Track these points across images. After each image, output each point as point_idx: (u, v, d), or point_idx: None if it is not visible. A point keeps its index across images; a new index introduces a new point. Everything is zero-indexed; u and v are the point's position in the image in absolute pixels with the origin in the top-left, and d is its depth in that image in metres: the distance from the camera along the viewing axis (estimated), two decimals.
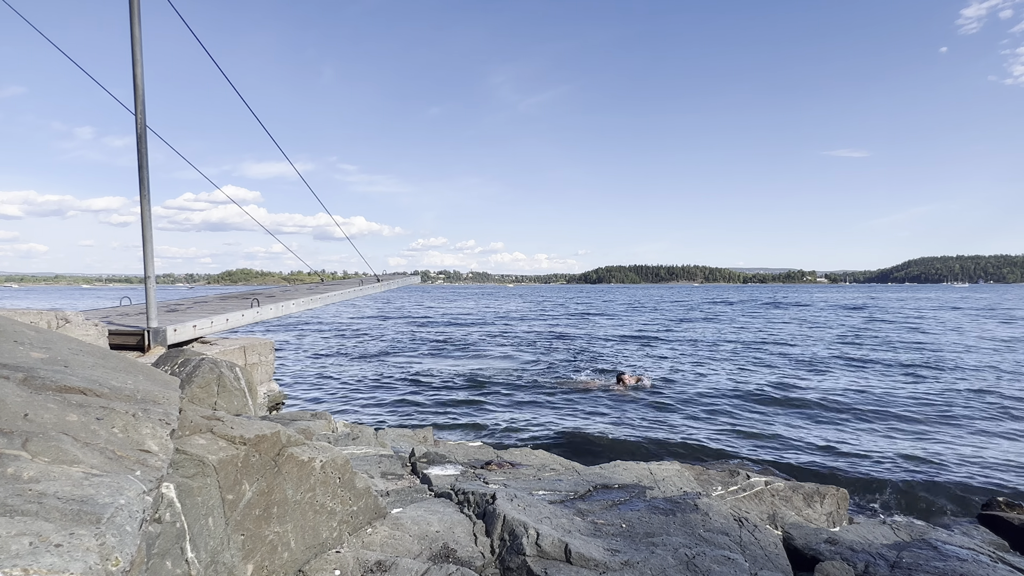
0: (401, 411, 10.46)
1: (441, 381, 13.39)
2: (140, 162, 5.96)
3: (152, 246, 6.09)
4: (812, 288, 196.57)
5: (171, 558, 1.74)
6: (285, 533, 2.21)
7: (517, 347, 20.55)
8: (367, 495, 2.68)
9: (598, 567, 2.51)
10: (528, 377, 13.86)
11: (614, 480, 3.96)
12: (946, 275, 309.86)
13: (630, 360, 16.99)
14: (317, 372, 14.81)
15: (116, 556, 1.11)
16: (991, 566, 2.87)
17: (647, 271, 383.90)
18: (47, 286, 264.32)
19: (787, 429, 8.82)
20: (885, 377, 13.49)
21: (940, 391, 11.72)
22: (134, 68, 5.87)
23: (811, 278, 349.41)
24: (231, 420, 2.28)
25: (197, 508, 1.86)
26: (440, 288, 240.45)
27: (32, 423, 1.46)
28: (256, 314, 8.23)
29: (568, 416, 9.81)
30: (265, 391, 7.32)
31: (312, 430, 4.71)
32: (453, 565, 2.41)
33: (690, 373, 14.37)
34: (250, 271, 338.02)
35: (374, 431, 5.86)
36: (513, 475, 4.05)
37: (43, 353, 2.06)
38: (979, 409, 10.04)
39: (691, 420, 9.47)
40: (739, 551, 2.86)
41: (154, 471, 1.48)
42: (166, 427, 1.73)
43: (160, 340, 6.28)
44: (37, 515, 1.13)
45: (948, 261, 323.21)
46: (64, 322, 4.71)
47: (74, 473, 1.31)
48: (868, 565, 2.92)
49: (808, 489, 4.85)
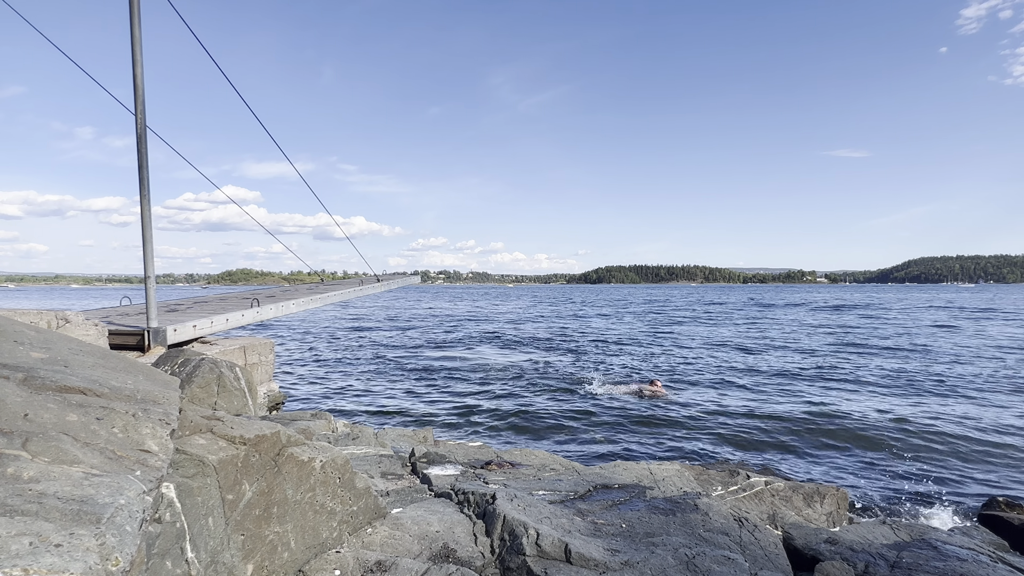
0: (401, 411, 10.46)
1: (441, 381, 13.39)
2: (140, 162, 5.96)
3: (152, 246, 6.09)
4: (812, 288, 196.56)
5: (171, 558, 1.74)
6: (285, 533, 2.21)
7: (517, 347, 20.54)
8: (367, 495, 2.68)
9: (598, 567, 2.51)
10: (528, 377, 13.85)
11: (614, 480, 3.95)
12: (946, 275, 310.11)
13: (625, 360, 16.99)
14: (317, 372, 14.81)
15: (116, 556, 1.11)
16: (991, 566, 2.87)
17: (647, 271, 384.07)
18: (47, 286, 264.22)
19: (787, 429, 8.81)
20: (885, 379, 13.48)
21: (940, 391, 11.72)
22: (134, 68, 5.86)
23: (811, 278, 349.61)
24: (231, 420, 2.28)
25: (197, 508, 1.86)
26: (440, 288, 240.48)
27: (32, 423, 1.46)
28: (256, 314, 8.22)
29: (568, 416, 9.81)
30: (265, 391, 7.32)
31: (312, 430, 4.71)
32: (453, 565, 2.41)
33: (693, 374, 14.37)
34: (250, 271, 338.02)
35: (374, 431, 5.86)
36: (513, 475, 4.05)
37: (43, 353, 2.06)
38: (979, 409, 10.04)
39: (694, 421, 9.46)
40: (739, 551, 2.86)
41: (154, 471, 1.48)
42: (166, 427, 1.73)
43: (160, 340, 6.28)
44: (37, 515, 1.13)
45: (948, 261, 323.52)
46: (64, 322, 4.70)
47: (74, 473, 1.31)
48: (868, 565, 2.92)
49: (808, 489, 4.84)
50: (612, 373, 14.35)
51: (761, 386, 12.50)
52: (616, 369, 15.08)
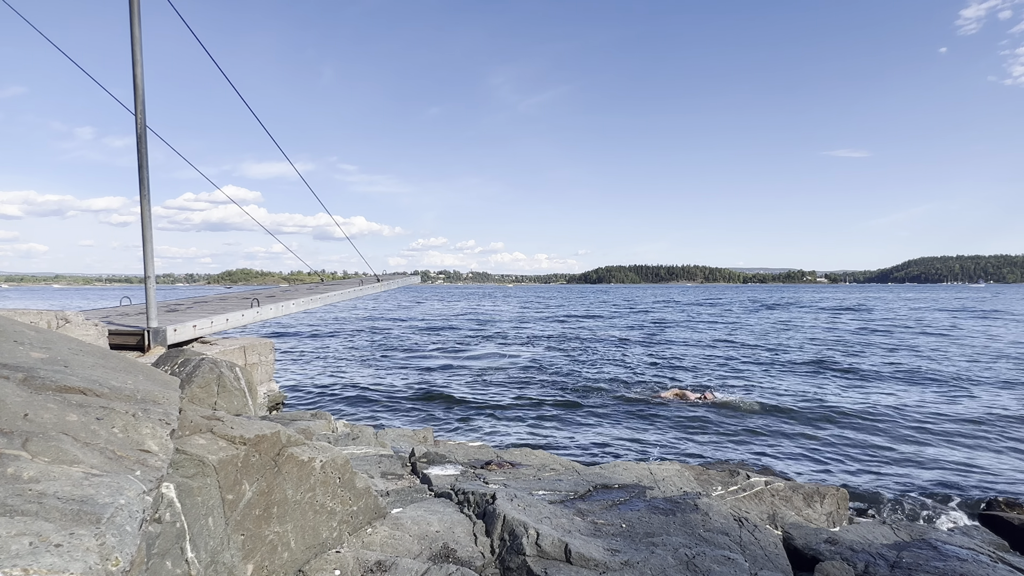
0: (401, 411, 10.46)
1: (441, 381, 13.39)
2: (140, 162, 5.96)
3: (152, 246, 6.09)
4: (812, 288, 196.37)
5: (171, 558, 1.74)
6: (285, 533, 2.21)
7: (517, 347, 20.54)
8: (367, 495, 2.68)
9: (598, 567, 2.51)
10: (528, 377, 13.86)
11: (614, 480, 3.95)
12: (946, 275, 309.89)
13: (624, 360, 16.98)
14: (317, 372, 14.81)
15: (116, 556, 1.11)
16: (991, 566, 2.87)
17: (647, 271, 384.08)
18: (47, 286, 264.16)
19: (787, 428, 8.81)
20: (885, 379, 13.48)
21: (940, 391, 11.71)
22: (134, 68, 5.87)
23: (811, 278, 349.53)
24: (231, 420, 2.28)
25: (197, 508, 1.86)
26: (440, 288, 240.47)
27: (32, 423, 1.46)
28: (256, 314, 8.22)
29: (568, 416, 9.81)
30: (265, 391, 7.32)
31: (312, 430, 4.71)
32: (453, 565, 2.41)
33: (693, 374, 14.37)
34: (250, 271, 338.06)
35: (374, 431, 5.86)
36: (513, 475, 4.05)
37: (43, 353, 2.06)
38: (979, 410, 10.04)
39: (694, 421, 9.46)
40: (739, 551, 2.86)
41: (154, 471, 1.48)
42: (166, 427, 1.73)
43: (160, 340, 6.28)
44: (37, 515, 1.13)
45: (948, 261, 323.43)
46: (64, 322, 4.71)
47: (74, 473, 1.31)
48: (868, 565, 2.92)
49: (808, 489, 4.84)
50: (620, 374, 14.34)
51: (761, 386, 12.50)
52: (618, 368, 15.07)
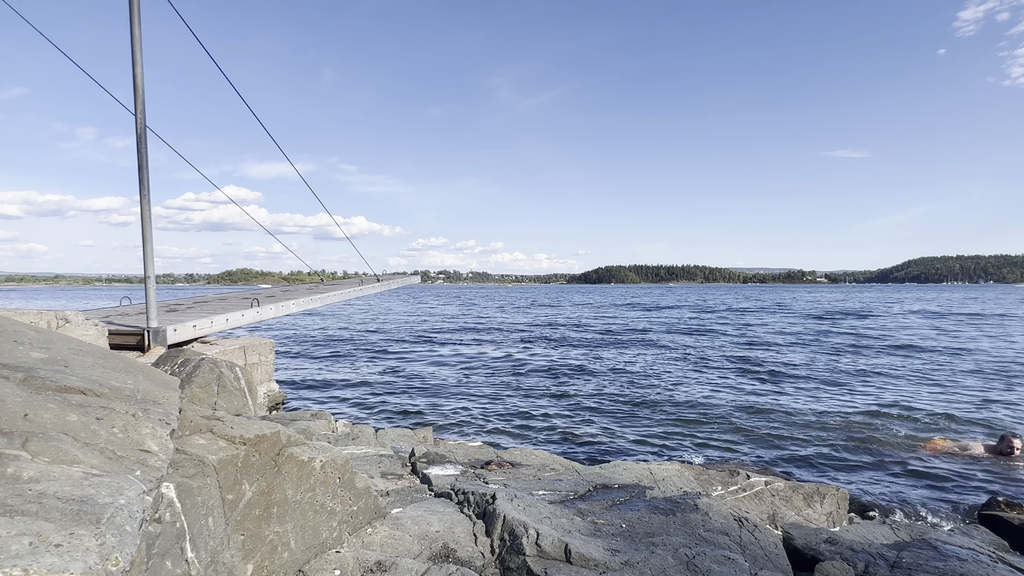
0: (401, 411, 10.46)
1: (441, 381, 13.39)
2: (140, 162, 5.96)
3: (152, 246, 6.09)
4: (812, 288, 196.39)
5: (171, 558, 1.74)
6: (285, 533, 2.21)
7: (517, 347, 20.54)
8: (367, 495, 2.68)
9: (598, 567, 2.51)
10: (528, 377, 13.86)
11: (614, 480, 3.95)
12: (946, 275, 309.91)
13: (625, 360, 16.99)
14: (317, 372, 14.82)
15: (116, 556, 1.11)
16: (991, 566, 2.87)
17: (647, 271, 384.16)
18: (47, 286, 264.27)
19: (787, 429, 8.81)
20: (886, 378, 13.48)
21: (941, 391, 11.72)
22: (134, 68, 5.87)
23: (811, 278, 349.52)
24: (231, 420, 2.28)
25: (197, 508, 1.86)
26: (440, 288, 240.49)
27: (32, 423, 1.46)
28: (256, 314, 8.23)
29: (568, 416, 9.81)
30: (265, 391, 7.32)
31: (312, 430, 4.71)
32: (453, 565, 2.41)
33: (694, 374, 14.37)
34: (250, 271, 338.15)
35: (374, 431, 5.86)
36: (513, 475, 4.05)
37: (43, 353, 2.06)
38: (981, 410, 10.04)
39: (694, 421, 9.46)
40: (739, 551, 2.86)
41: (154, 471, 1.48)
42: (166, 427, 1.73)
43: (160, 340, 6.29)
44: (37, 515, 1.13)
45: (948, 261, 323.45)
46: (64, 322, 4.71)
47: (74, 473, 1.31)
48: (868, 565, 2.92)
49: (808, 489, 4.84)
50: (620, 375, 14.33)
51: (761, 386, 12.50)
52: (618, 369, 15.07)
